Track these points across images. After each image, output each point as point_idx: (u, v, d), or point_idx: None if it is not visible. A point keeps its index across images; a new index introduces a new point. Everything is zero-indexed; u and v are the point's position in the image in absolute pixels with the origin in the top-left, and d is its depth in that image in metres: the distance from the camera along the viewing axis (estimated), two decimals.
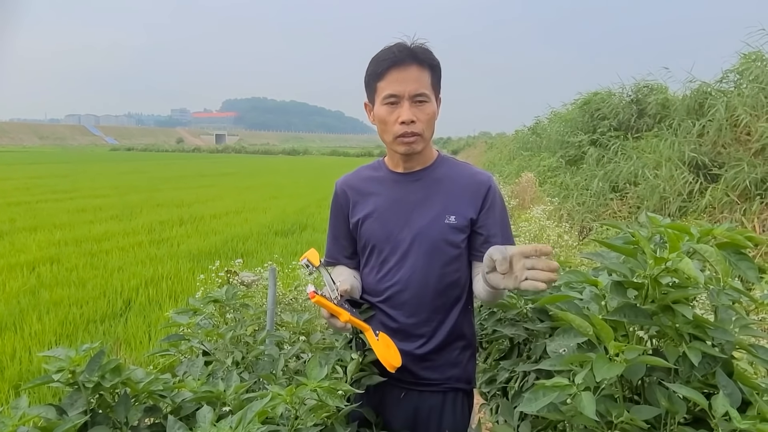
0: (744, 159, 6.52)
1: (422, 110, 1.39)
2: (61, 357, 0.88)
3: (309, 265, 1.40)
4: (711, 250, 0.72)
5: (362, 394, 1.42)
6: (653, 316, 0.76)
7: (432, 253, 1.44)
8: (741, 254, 0.74)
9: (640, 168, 8.24)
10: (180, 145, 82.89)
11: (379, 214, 1.50)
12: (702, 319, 0.74)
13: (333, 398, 0.95)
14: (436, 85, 1.43)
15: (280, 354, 1.29)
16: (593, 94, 12.46)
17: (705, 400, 0.67)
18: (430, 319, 1.47)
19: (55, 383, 0.87)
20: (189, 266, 7.24)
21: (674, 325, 0.74)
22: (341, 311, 1.30)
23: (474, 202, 1.45)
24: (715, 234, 0.76)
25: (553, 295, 0.89)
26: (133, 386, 0.92)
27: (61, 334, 4.86)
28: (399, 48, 1.38)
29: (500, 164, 19.12)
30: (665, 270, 0.73)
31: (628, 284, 0.79)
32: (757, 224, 6.01)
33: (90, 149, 78.54)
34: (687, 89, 9.10)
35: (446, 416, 1.48)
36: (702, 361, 0.72)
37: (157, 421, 0.96)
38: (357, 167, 1.64)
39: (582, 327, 0.74)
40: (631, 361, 0.68)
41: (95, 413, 0.89)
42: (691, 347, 0.71)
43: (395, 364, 1.32)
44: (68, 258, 7.66)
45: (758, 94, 7.03)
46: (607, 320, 0.73)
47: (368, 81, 1.43)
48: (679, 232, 0.80)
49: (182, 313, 1.33)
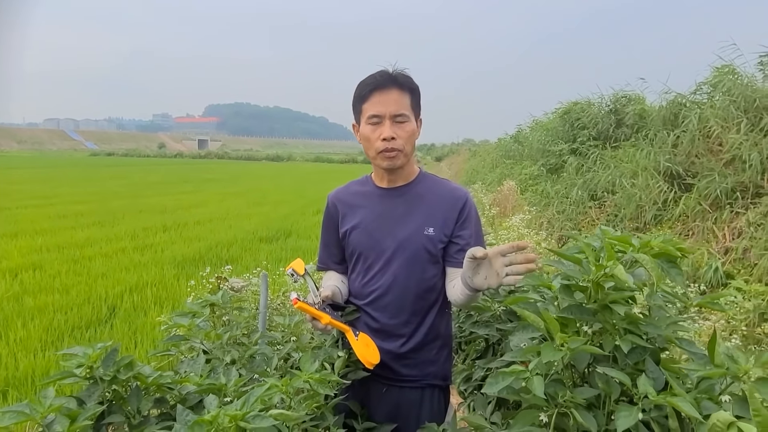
0: (715, 169, 6.74)
1: (402, 128, 1.54)
2: (80, 354, 0.99)
3: (294, 274, 1.55)
4: (647, 258, 0.86)
5: (348, 389, 1.55)
6: (595, 314, 0.90)
7: (412, 261, 1.60)
8: (672, 263, 0.88)
9: (617, 177, 8.44)
10: (162, 151, 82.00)
11: (366, 226, 1.64)
12: (634, 316, 0.88)
13: (323, 387, 1.07)
14: (415, 107, 1.59)
15: (274, 353, 1.41)
16: (573, 103, 12.64)
17: (630, 381, 0.80)
18: (410, 320, 1.61)
19: (73, 378, 0.97)
20: (174, 273, 7.27)
21: (612, 321, 0.88)
22: (322, 315, 1.44)
23: (451, 215, 1.61)
24: (652, 245, 0.90)
25: (516, 296, 1.02)
26: (144, 380, 1.03)
27: (46, 341, 4.88)
28: (381, 74, 1.54)
29: (483, 172, 19.34)
30: (604, 275, 0.87)
31: (575, 287, 0.92)
32: (727, 232, 6.21)
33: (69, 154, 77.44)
34: (663, 100, 9.35)
35: (424, 410, 1.63)
36: (634, 350, 0.86)
37: (165, 411, 1.07)
38: (347, 182, 1.79)
39: (536, 322, 0.88)
40: (574, 349, 0.81)
41: (111, 404, 1.00)
42: (623, 339, 0.85)
43: (373, 361, 1.46)
44: (51, 264, 7.64)
45: (729, 106, 7.27)
46: (559, 317, 0.86)
47: (354, 103, 1.60)
48: (623, 243, 0.94)
49: (182, 315, 1.43)
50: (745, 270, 5.36)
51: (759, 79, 7.51)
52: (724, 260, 5.57)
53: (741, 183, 6.38)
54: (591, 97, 12.13)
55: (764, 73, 7.59)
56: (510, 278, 1.23)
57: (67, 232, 10.30)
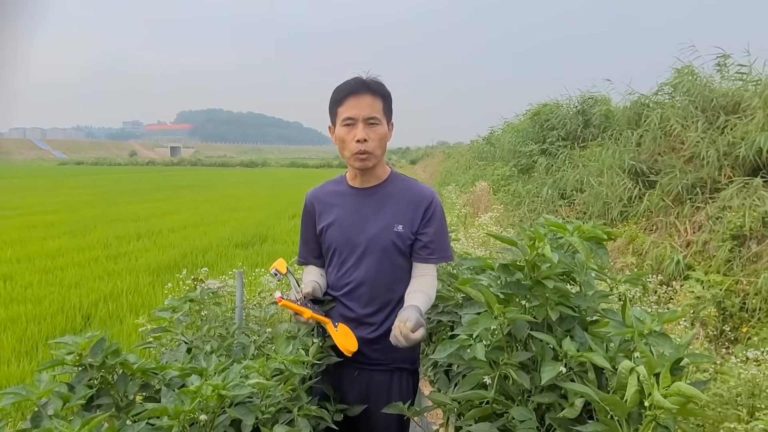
0: (677, 166, 7.00)
1: (374, 131, 1.68)
2: (70, 343, 1.07)
3: (277, 273, 1.68)
4: (577, 240, 0.98)
5: (322, 373, 1.69)
6: (531, 289, 1.02)
7: (383, 255, 1.74)
8: (599, 244, 1.01)
9: (585, 176, 8.68)
10: (133, 158, 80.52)
11: (340, 223, 1.78)
12: (564, 289, 1.00)
13: (297, 368, 1.17)
14: (387, 111, 1.73)
15: (251, 342, 1.51)
16: (542, 105, 12.91)
17: (557, 343, 0.93)
18: (380, 309, 1.75)
19: (61, 368, 1.05)
20: (149, 280, 7.25)
21: (545, 295, 1.00)
22: (304, 310, 1.61)
23: (417, 214, 1.75)
24: (583, 230, 1.03)
25: (465, 278, 1.14)
26: (129, 366, 1.12)
27: (20, 351, 4.85)
28: (356, 80, 1.68)
29: (457, 174, 19.58)
30: (536, 255, 0.99)
31: (514, 266, 1.05)
32: (688, 226, 6.46)
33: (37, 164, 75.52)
34: (627, 101, 9.66)
35: (393, 391, 1.76)
36: (564, 320, 0.99)
37: (149, 395, 1.15)
38: (324, 181, 1.93)
39: (477, 297, 1.00)
40: (511, 318, 0.93)
41: (99, 388, 1.08)
42: (553, 309, 0.98)
43: (352, 349, 1.61)
44: (22, 275, 7.54)
45: (689, 106, 7.56)
46: (501, 293, 0.99)
47: (331, 107, 1.73)
48: (560, 229, 1.06)
49: (163, 310, 1.52)
50: (704, 262, 5.62)
51: (716, 80, 7.84)
52: (686, 253, 5.81)
53: (700, 179, 6.66)
54: (559, 99, 12.44)
55: (721, 74, 7.92)
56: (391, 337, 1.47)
57: (37, 242, 10.14)
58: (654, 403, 0.70)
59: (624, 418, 0.76)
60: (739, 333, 4.46)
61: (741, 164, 6.32)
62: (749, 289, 4.72)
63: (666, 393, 0.69)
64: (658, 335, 0.83)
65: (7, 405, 0.93)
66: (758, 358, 2.72)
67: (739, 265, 5.14)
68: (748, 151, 6.05)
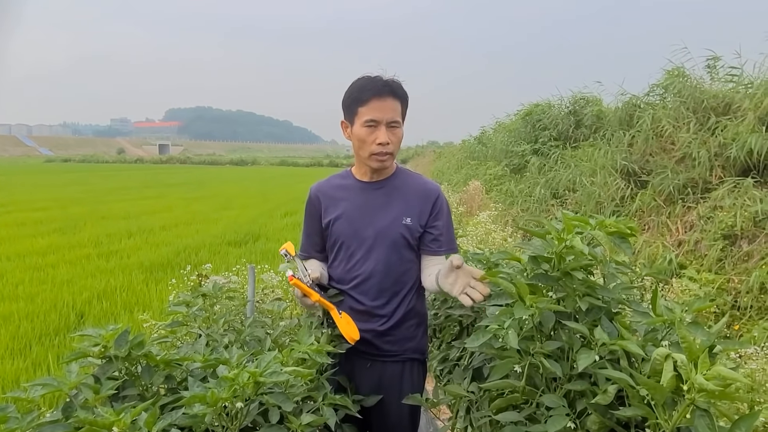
0: (668, 166, 7.09)
1: (395, 134, 1.71)
2: (95, 335, 1.07)
3: (287, 254, 1.69)
4: (601, 234, 1.00)
5: (336, 365, 1.71)
6: (558, 280, 1.04)
7: (392, 248, 1.76)
8: (623, 238, 1.03)
9: (577, 176, 8.75)
10: (121, 156, 79.75)
11: (348, 216, 1.79)
12: (591, 281, 1.03)
13: (321, 356, 1.19)
14: (404, 114, 1.77)
15: (266, 335, 1.52)
16: (534, 105, 12.98)
17: (588, 332, 0.95)
18: (390, 301, 1.77)
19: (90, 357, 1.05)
20: (142, 278, 7.20)
21: (572, 286, 1.02)
22: (312, 292, 1.63)
23: (426, 207, 1.79)
24: (606, 224, 1.05)
25: (491, 270, 1.16)
26: (153, 358, 1.12)
27: (13, 348, 4.81)
28: (382, 82, 1.69)
29: (449, 173, 19.64)
30: (565, 247, 1.01)
31: (541, 259, 1.07)
32: (680, 225, 6.55)
33: (23, 161, 74.62)
34: (619, 102, 9.75)
35: (405, 381, 1.80)
36: (591, 310, 1.01)
37: (172, 387, 1.16)
38: (328, 176, 1.94)
39: (508, 288, 1.02)
40: (542, 308, 0.95)
41: (125, 380, 1.08)
42: (582, 300, 1.00)
43: (355, 337, 1.64)
44: (12, 273, 7.45)
45: (680, 107, 7.66)
46: (528, 284, 1.00)
47: (350, 104, 1.72)
48: (583, 223, 1.08)
49: (178, 304, 1.52)
50: (696, 261, 5.69)
51: (707, 81, 7.94)
52: (678, 252, 5.89)
53: (692, 179, 6.75)
54: (551, 99, 12.53)
55: (712, 76, 8.02)
56: (465, 298, 1.41)
57: (26, 239, 10.02)
58: (696, 386, 0.72)
59: (662, 402, 0.78)
60: (731, 331, 4.53)
61: (732, 165, 6.40)
62: (741, 288, 4.79)
63: (706, 377, 0.72)
64: (690, 323, 0.86)
65: (37, 396, 0.93)
66: (752, 355, 2.79)
67: (730, 263, 5.22)
68: (739, 152, 6.13)
